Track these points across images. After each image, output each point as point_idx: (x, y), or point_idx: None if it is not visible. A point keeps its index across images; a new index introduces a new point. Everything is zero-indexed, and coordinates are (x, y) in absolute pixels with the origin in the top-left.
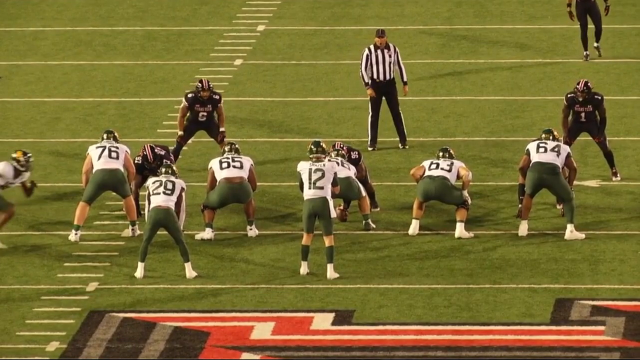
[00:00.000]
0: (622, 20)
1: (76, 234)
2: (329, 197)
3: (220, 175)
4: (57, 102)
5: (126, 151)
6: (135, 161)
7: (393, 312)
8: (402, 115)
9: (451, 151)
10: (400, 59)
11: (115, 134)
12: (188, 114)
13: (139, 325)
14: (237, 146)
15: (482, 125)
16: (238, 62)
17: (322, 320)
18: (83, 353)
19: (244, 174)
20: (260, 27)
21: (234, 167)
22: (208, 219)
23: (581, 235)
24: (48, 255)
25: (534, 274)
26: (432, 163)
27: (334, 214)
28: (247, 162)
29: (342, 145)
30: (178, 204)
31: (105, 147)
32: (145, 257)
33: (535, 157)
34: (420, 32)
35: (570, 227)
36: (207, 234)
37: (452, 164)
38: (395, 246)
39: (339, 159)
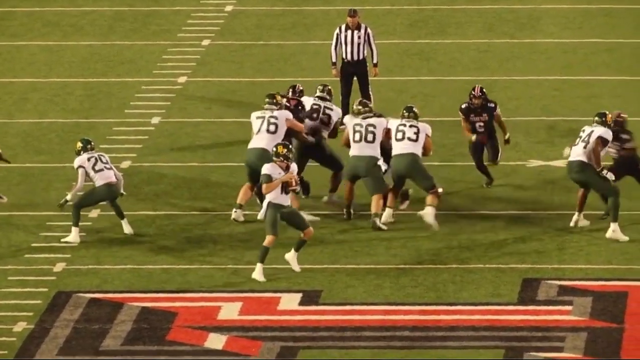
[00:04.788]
0: (589, 1)
1: (235, 211)
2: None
3: None
4: (25, 82)
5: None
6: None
7: (360, 292)
8: (372, 96)
9: (415, 110)
10: (372, 40)
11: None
12: None
13: (106, 305)
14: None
15: (450, 106)
16: (206, 42)
17: (290, 301)
18: (50, 333)
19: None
20: (228, 8)
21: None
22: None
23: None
24: (15, 236)
25: (501, 254)
26: (397, 129)
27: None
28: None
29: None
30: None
31: (264, 117)
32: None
33: None
34: (388, 12)
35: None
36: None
37: (417, 131)
38: (362, 227)
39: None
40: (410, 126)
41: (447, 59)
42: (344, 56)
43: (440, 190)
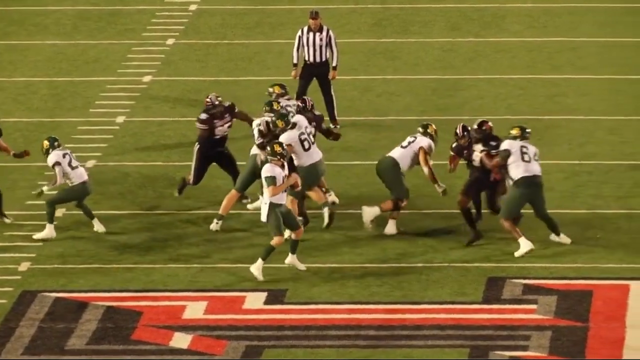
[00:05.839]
0: None
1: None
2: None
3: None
4: None
5: None
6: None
7: (325, 292)
8: (334, 98)
9: (429, 129)
10: (334, 42)
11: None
12: None
13: (71, 304)
14: None
15: (415, 104)
16: (170, 41)
17: (255, 300)
18: (16, 333)
19: None
20: (193, 7)
21: None
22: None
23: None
24: None
25: (466, 253)
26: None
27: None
28: None
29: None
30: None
31: None
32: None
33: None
34: (352, 12)
35: None
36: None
37: (414, 140)
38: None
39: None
40: (411, 136)
41: (412, 58)
42: (306, 58)
43: (404, 204)
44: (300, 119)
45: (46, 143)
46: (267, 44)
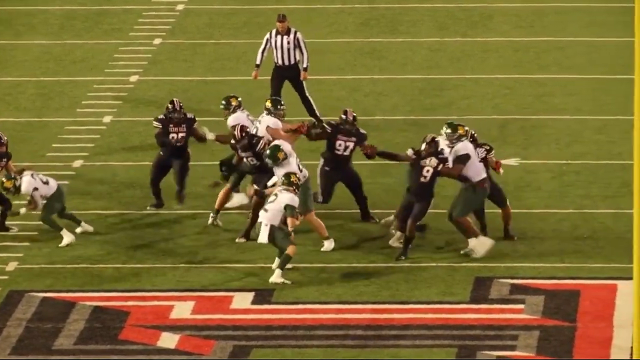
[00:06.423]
0: None
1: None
2: None
3: None
4: None
5: None
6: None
7: (313, 291)
8: (310, 98)
9: (448, 131)
10: (302, 44)
11: None
12: None
13: (58, 304)
14: None
15: (402, 104)
16: (157, 41)
17: (242, 300)
18: (3, 333)
19: None
20: (180, 6)
21: None
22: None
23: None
24: None
25: (454, 253)
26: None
27: None
28: None
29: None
30: None
31: None
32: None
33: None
34: (340, 11)
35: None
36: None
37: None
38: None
39: None
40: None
41: (399, 58)
42: (275, 61)
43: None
44: (284, 144)
45: (8, 182)
46: (254, 44)
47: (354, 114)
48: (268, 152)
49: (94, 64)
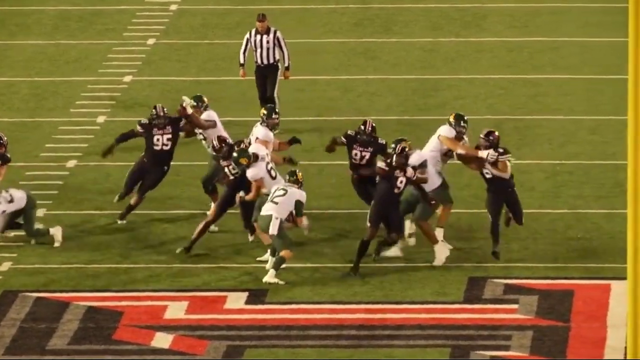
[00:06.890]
0: None
1: None
2: None
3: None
4: None
5: None
6: None
7: (306, 291)
8: (276, 99)
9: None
10: (282, 43)
11: None
12: None
13: (52, 305)
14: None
15: (395, 105)
16: (151, 41)
17: (236, 300)
18: None
19: None
20: (173, 7)
21: None
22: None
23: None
24: None
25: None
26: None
27: None
28: None
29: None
30: None
31: None
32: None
33: None
34: (333, 11)
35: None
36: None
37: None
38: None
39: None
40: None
41: (393, 58)
42: (256, 60)
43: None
44: (258, 148)
45: None
46: None
47: (373, 125)
48: (235, 155)
49: (88, 64)
